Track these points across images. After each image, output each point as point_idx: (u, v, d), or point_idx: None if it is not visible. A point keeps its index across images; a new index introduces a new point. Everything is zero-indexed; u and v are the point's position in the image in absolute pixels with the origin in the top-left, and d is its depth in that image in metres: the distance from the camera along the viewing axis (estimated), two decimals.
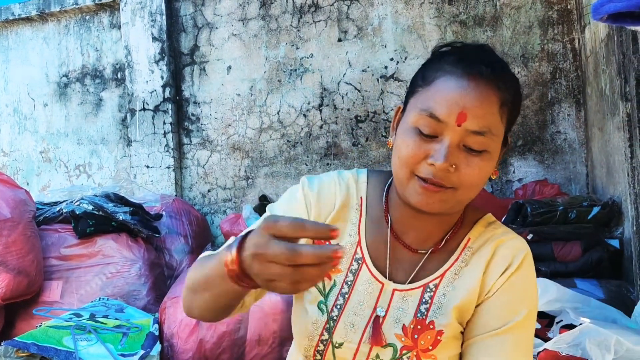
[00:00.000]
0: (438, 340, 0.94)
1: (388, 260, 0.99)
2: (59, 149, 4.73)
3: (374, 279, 0.98)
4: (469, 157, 0.87)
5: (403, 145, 0.90)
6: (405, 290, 0.97)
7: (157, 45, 4.27)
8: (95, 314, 2.49)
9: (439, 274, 0.97)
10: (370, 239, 1.01)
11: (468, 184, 0.88)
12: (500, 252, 0.96)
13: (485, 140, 0.87)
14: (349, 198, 1.03)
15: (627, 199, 2.24)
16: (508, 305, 0.93)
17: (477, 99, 0.86)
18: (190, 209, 3.86)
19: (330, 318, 0.98)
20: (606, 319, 1.83)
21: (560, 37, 3.56)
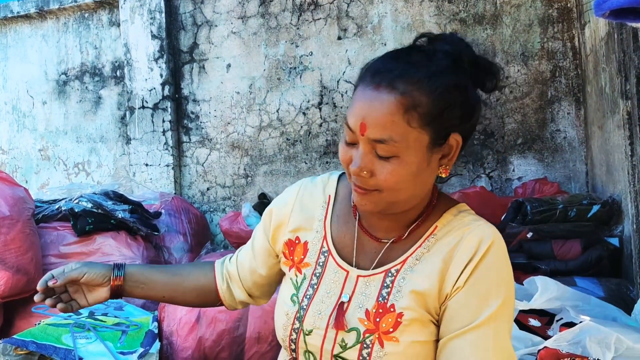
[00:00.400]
0: (398, 322, 0.95)
1: (355, 249, 1.05)
2: (57, 147, 4.72)
3: (339, 268, 1.04)
4: (381, 162, 0.92)
5: (339, 150, 0.99)
6: (368, 276, 1.01)
7: (157, 43, 4.26)
8: (94, 312, 2.48)
9: (402, 260, 1.00)
10: (337, 232, 1.08)
11: (388, 187, 0.92)
12: (465, 240, 0.96)
13: (389, 147, 0.90)
14: (315, 198, 1.13)
15: (627, 197, 2.24)
16: (479, 298, 0.92)
17: (375, 109, 0.89)
18: (189, 207, 3.86)
19: (301, 308, 1.04)
20: (606, 317, 1.83)
21: (560, 35, 3.55)
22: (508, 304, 0.93)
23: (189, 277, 1.24)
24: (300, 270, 1.09)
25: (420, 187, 0.96)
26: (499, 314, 0.91)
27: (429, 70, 0.90)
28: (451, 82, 0.91)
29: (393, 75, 0.90)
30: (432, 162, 0.94)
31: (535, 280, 1.90)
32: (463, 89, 0.93)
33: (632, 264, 2.21)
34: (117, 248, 2.97)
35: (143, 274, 1.19)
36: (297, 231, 1.12)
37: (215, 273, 1.25)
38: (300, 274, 1.08)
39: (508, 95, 3.63)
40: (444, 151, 0.95)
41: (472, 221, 0.99)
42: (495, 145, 3.66)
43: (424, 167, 0.93)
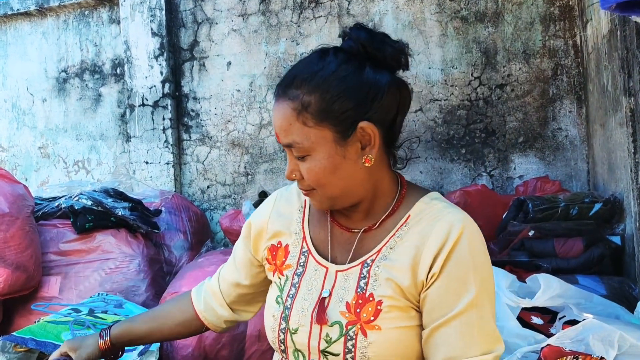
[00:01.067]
0: (378, 310, 0.97)
1: (330, 244, 1.09)
2: (57, 145, 4.71)
3: (319, 265, 1.07)
4: (301, 164, 1.00)
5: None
6: (346, 270, 1.04)
7: (157, 40, 4.25)
8: (94, 310, 2.47)
9: (376, 250, 1.03)
10: (315, 232, 1.12)
11: (316, 183, 1.00)
12: (436, 227, 0.98)
13: (297, 149, 0.99)
14: (291, 204, 1.18)
15: (630, 195, 2.23)
16: (457, 284, 0.93)
17: (280, 117, 1.00)
18: (189, 205, 3.85)
19: (285, 308, 1.07)
20: (609, 315, 1.82)
21: (562, 33, 3.54)
22: (487, 287, 0.95)
23: (170, 317, 1.31)
24: (282, 272, 1.12)
25: (349, 179, 1.00)
26: (480, 298, 0.93)
27: (312, 70, 0.98)
28: (333, 75, 0.97)
29: (285, 84, 1.00)
30: (350, 154, 0.99)
31: (538, 278, 1.89)
32: (351, 77, 0.97)
33: (635, 262, 2.20)
34: (117, 245, 2.96)
35: (127, 331, 1.29)
36: (277, 237, 1.16)
37: (193, 301, 1.31)
38: (283, 276, 1.12)
39: (509, 93, 3.62)
40: (361, 141, 0.99)
41: (442, 208, 1.01)
42: (497, 144, 3.65)
43: (339, 161, 0.98)
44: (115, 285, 2.88)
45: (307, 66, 1.00)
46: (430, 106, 3.75)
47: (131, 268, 2.92)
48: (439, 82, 3.72)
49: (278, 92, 1.02)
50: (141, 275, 2.92)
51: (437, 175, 3.75)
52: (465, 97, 3.69)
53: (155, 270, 3.08)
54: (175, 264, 3.37)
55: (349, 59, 0.99)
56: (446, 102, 3.72)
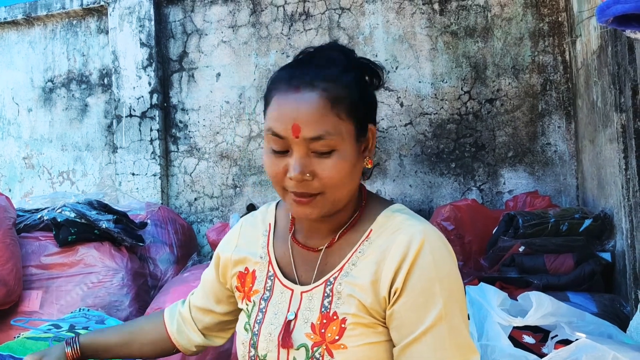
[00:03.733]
0: (343, 328, 0.94)
1: (293, 265, 1.05)
2: (42, 155, 4.63)
3: (284, 287, 1.04)
4: (321, 161, 0.92)
5: (266, 166, 0.97)
6: (310, 290, 1.01)
7: (145, 50, 4.21)
8: (75, 325, 2.39)
9: (339, 267, 1.00)
10: (280, 254, 1.09)
11: (331, 185, 0.93)
12: (396, 241, 0.94)
13: (327, 142, 0.91)
14: (256, 229, 1.14)
15: (621, 212, 2.21)
16: (423, 298, 0.90)
17: (305, 107, 0.91)
18: (176, 217, 3.79)
19: (253, 334, 1.04)
20: (602, 334, 1.79)
21: (551, 49, 3.55)
22: (455, 296, 0.92)
23: (141, 333, 1.27)
24: (249, 298, 1.09)
25: (355, 179, 0.98)
26: (448, 309, 0.90)
27: (337, 68, 0.95)
28: (357, 76, 0.97)
29: (309, 77, 0.93)
30: (360, 154, 0.98)
31: (530, 296, 1.86)
32: (364, 83, 1.00)
33: (626, 279, 2.18)
34: (100, 259, 2.89)
35: (96, 341, 1.23)
36: (243, 263, 1.12)
37: (165, 320, 1.27)
38: (250, 302, 1.09)
39: (499, 108, 3.62)
40: (365, 144, 0.99)
41: (403, 220, 0.98)
42: (486, 158, 3.64)
43: (356, 159, 0.96)
44: (97, 300, 2.81)
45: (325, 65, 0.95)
46: (420, 120, 3.73)
47: (114, 282, 2.85)
48: (429, 96, 3.72)
49: (298, 83, 0.93)
50: (125, 289, 2.86)
51: (426, 189, 3.73)
52: (455, 111, 3.69)
53: (139, 285, 3.01)
54: (160, 277, 3.31)
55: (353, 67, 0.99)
56: (436, 116, 3.71)
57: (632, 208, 1.98)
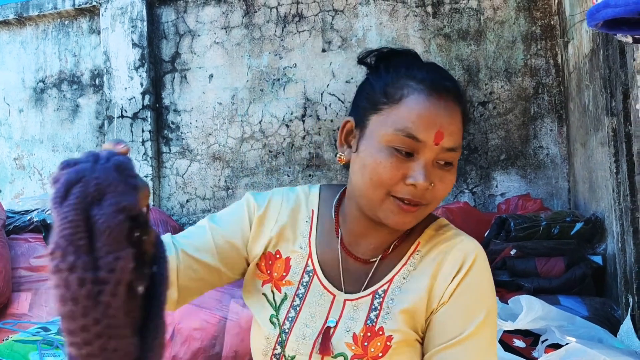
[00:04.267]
0: (388, 346, 0.92)
1: (341, 272, 0.99)
2: (33, 156, 4.60)
3: (325, 290, 0.98)
4: (442, 173, 0.89)
5: (379, 166, 0.89)
6: (356, 299, 0.97)
7: (137, 51, 4.19)
8: None
9: (388, 279, 0.97)
10: (322, 251, 1.01)
11: (439, 199, 0.91)
12: (450, 255, 0.94)
13: (455, 156, 0.90)
14: (299, 211, 1.05)
15: (612, 215, 2.22)
16: (463, 311, 0.91)
17: (449, 116, 0.88)
18: (167, 219, 3.77)
19: (282, 331, 0.98)
20: (592, 338, 1.79)
21: (543, 52, 3.56)
22: (492, 316, 0.93)
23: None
24: (279, 288, 1.00)
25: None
26: (484, 326, 0.90)
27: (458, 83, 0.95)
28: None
29: (451, 86, 0.91)
30: None
31: (520, 300, 1.86)
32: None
33: (617, 283, 2.18)
34: None
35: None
36: (277, 244, 1.02)
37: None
38: (280, 292, 1.00)
39: (492, 111, 3.63)
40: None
41: (454, 236, 0.97)
42: (479, 161, 3.64)
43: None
44: None
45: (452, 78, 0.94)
46: None
47: None
48: None
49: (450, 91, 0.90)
50: None
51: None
52: None
53: None
54: None
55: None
56: None
57: (623, 212, 1.98)
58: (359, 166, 0.93)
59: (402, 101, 0.89)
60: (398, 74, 0.92)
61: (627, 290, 1.98)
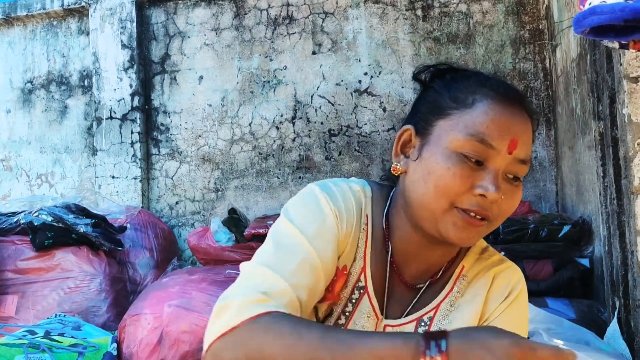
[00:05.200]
0: None
1: (386, 292, 0.91)
2: (20, 157, 4.56)
3: (372, 311, 0.90)
4: (511, 188, 0.83)
5: (447, 173, 0.80)
6: (398, 326, 0.90)
7: (127, 52, 4.17)
8: (50, 332, 2.35)
9: (433, 306, 0.91)
10: (374, 266, 0.91)
11: (505, 216, 0.84)
12: (497, 282, 0.92)
13: (526, 169, 0.84)
14: (359, 216, 0.92)
15: (599, 218, 2.24)
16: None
17: (524, 125, 0.83)
18: (156, 221, 3.75)
19: None
20: (579, 341, 1.80)
21: (532, 56, 3.59)
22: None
23: None
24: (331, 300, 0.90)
25: None
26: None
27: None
28: None
29: (523, 97, 0.87)
30: None
31: None
32: None
33: (604, 285, 2.20)
34: (77, 264, 2.85)
35: None
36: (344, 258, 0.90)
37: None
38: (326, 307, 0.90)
39: None
40: None
41: (499, 261, 0.95)
42: None
43: None
44: (74, 305, 2.77)
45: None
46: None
47: (92, 287, 2.81)
48: (411, 101, 3.73)
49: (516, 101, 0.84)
50: (102, 295, 2.81)
51: None
52: None
53: (117, 290, 2.97)
54: (140, 282, 3.27)
55: None
56: None
57: (610, 215, 2.00)
58: (422, 174, 0.84)
59: (475, 105, 0.82)
60: (468, 80, 0.86)
61: (613, 292, 2.00)
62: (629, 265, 1.84)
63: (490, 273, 0.92)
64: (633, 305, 1.79)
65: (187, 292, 2.47)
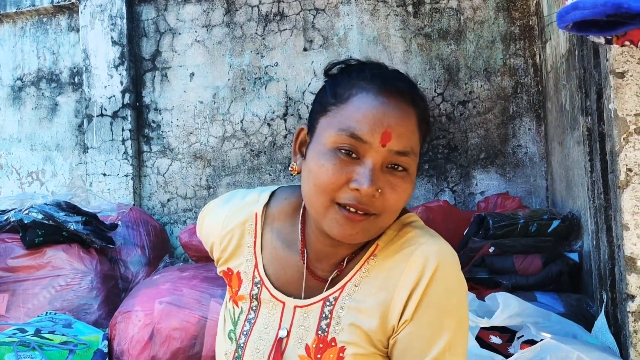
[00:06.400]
0: (340, 357, 0.87)
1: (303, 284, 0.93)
2: (10, 155, 4.53)
3: (274, 299, 0.94)
4: (393, 180, 0.83)
5: (321, 170, 0.83)
6: (306, 306, 0.92)
7: (117, 49, 4.15)
8: (41, 330, 2.35)
9: (340, 286, 0.91)
10: (271, 261, 0.96)
11: (392, 209, 0.84)
12: (408, 264, 0.86)
13: (407, 161, 0.83)
14: (243, 224, 0.99)
15: (587, 213, 2.25)
16: (431, 329, 0.84)
17: (399, 117, 0.82)
18: (148, 218, 3.74)
19: (238, 346, 0.94)
20: (567, 334, 1.82)
21: (522, 52, 3.61)
22: (462, 328, 0.87)
23: None
24: (237, 303, 0.98)
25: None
26: (454, 341, 0.85)
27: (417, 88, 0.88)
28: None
29: (405, 87, 0.85)
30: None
31: (497, 297, 1.88)
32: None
33: (592, 279, 2.22)
34: (68, 261, 2.84)
35: None
36: (227, 261, 1.00)
37: None
38: (237, 307, 0.98)
39: (471, 110, 3.66)
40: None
41: (414, 238, 0.89)
42: (459, 160, 3.67)
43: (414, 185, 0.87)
44: (65, 303, 2.76)
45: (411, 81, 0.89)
46: None
47: (83, 285, 2.80)
48: None
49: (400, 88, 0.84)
50: (94, 292, 2.81)
51: None
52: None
53: (109, 287, 2.96)
54: (131, 280, 3.26)
55: None
56: None
57: (597, 210, 2.01)
58: (306, 173, 0.88)
59: (350, 100, 0.84)
60: (350, 74, 0.87)
61: (601, 286, 2.02)
62: (615, 259, 1.86)
63: (400, 254, 0.88)
64: (620, 298, 1.81)
65: (178, 289, 2.47)
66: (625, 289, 1.74)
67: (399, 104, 0.83)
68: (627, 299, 1.74)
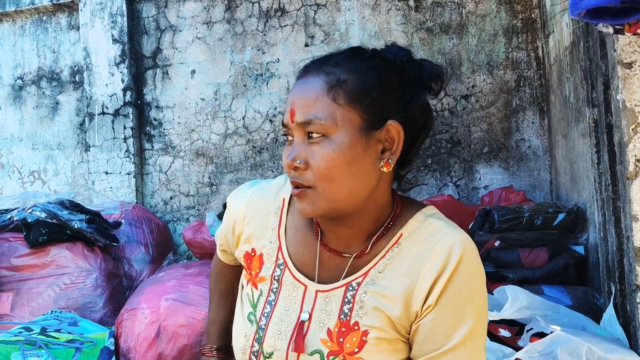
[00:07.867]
0: (363, 341, 0.88)
1: (317, 265, 0.97)
2: (12, 154, 4.52)
3: (297, 281, 0.97)
4: (313, 148, 0.88)
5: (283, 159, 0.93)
6: (328, 291, 0.94)
7: (118, 47, 4.13)
8: (46, 328, 2.34)
9: (363, 272, 0.93)
10: (293, 243, 1.00)
11: (320, 177, 0.87)
12: (433, 252, 0.88)
13: (316, 127, 0.87)
14: (268, 205, 1.04)
15: (594, 205, 2.24)
16: (453, 316, 0.86)
17: (301, 91, 0.90)
18: (151, 216, 3.73)
19: (259, 328, 0.97)
20: (576, 327, 1.81)
21: (525, 45, 3.59)
22: (482, 318, 0.88)
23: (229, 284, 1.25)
24: (256, 285, 1.00)
25: (361, 179, 0.88)
26: (474, 330, 0.86)
27: (352, 56, 0.92)
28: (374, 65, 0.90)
29: (320, 61, 0.92)
30: (370, 150, 0.88)
31: (505, 290, 1.88)
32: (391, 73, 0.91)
33: (599, 272, 2.21)
34: (72, 260, 2.83)
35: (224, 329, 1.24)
36: (250, 242, 1.04)
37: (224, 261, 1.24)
38: (257, 289, 1.00)
39: (474, 104, 3.65)
40: (383, 142, 0.90)
41: (439, 228, 0.91)
42: (462, 154, 3.66)
43: (359, 152, 0.87)
44: (70, 301, 2.75)
45: (346, 53, 0.93)
46: None
47: (88, 283, 2.79)
48: None
49: (309, 69, 0.92)
50: (98, 290, 2.80)
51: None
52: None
53: (113, 285, 2.95)
54: (136, 278, 3.25)
55: (389, 62, 0.92)
56: None
57: (605, 201, 2.00)
58: None
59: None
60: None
61: (609, 278, 2.01)
62: (624, 250, 1.85)
63: (425, 242, 0.90)
64: (629, 290, 1.80)
65: (184, 285, 2.46)
66: (635, 280, 1.73)
67: (306, 80, 0.90)
68: (636, 290, 1.73)
